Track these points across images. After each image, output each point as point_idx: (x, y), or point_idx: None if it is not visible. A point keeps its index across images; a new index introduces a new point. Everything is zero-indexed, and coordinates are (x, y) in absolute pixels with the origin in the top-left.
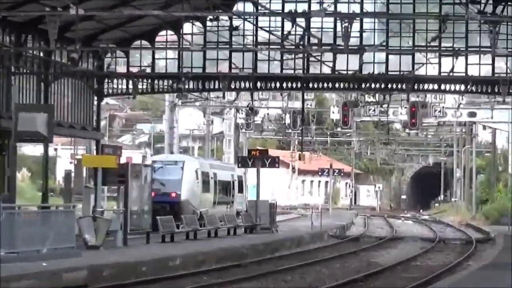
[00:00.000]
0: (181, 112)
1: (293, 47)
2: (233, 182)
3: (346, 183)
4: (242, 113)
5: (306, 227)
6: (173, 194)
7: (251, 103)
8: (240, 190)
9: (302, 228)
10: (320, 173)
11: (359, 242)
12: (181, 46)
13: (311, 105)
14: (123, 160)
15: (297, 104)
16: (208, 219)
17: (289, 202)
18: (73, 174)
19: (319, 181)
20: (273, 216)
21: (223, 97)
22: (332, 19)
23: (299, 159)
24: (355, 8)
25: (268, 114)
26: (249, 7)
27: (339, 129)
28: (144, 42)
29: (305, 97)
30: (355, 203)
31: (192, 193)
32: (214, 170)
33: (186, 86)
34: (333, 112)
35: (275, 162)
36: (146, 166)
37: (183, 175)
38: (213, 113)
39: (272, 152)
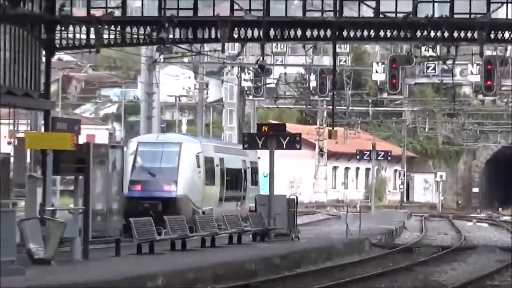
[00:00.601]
0: (163, 72)
1: None
2: (245, 171)
3: (395, 170)
4: (249, 74)
5: (339, 233)
6: (167, 188)
7: (261, 59)
8: (255, 181)
9: (333, 235)
10: (358, 157)
11: (413, 253)
12: None
13: (345, 61)
14: (82, 139)
15: (326, 61)
16: (202, 222)
17: (315, 197)
18: (12, 160)
19: (358, 169)
20: (292, 217)
21: (222, 51)
22: None
23: (329, 137)
24: None
25: (285, 74)
26: None
27: (385, 95)
28: None
29: (338, 50)
30: (407, 198)
31: (192, 186)
32: (220, 155)
33: (171, 36)
34: (376, 72)
35: (295, 142)
36: (115, 147)
37: (180, 161)
38: (208, 74)
39: (292, 128)
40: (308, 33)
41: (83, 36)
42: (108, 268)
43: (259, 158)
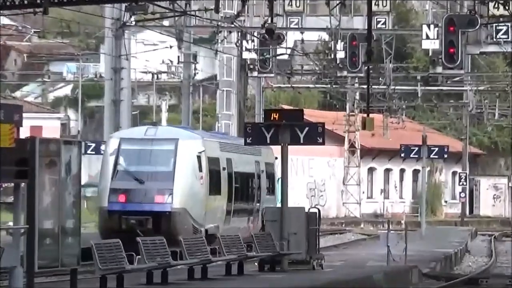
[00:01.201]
0: (136, 40)
1: None
2: (259, 175)
3: (454, 173)
4: (252, 42)
5: (377, 259)
6: (160, 199)
7: (269, 20)
8: (271, 189)
9: (369, 262)
10: (403, 155)
11: (479, 287)
12: None
13: (385, 23)
14: (24, 132)
15: (358, 23)
16: (190, 245)
17: (345, 211)
18: None
19: (402, 171)
20: (314, 238)
21: (216, 10)
22: None
23: (364, 127)
24: None
25: (302, 42)
26: None
27: (439, 69)
28: None
29: (374, 8)
30: (471, 211)
31: (192, 196)
32: (227, 155)
33: None
34: (427, 37)
35: (317, 135)
36: (70, 143)
37: (177, 164)
38: (197, 42)
39: (312, 115)
40: None
41: None
42: None
43: (276, 158)
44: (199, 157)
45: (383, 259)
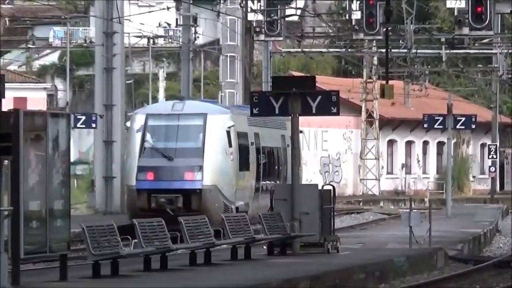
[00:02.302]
0: (129, 1)
1: None
2: (285, 150)
3: (483, 145)
4: (258, 1)
5: (398, 241)
6: (189, 176)
7: None
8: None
9: (390, 244)
10: (426, 126)
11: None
12: None
13: None
14: (7, 104)
15: None
16: (191, 227)
17: (362, 188)
18: None
19: (426, 143)
20: (328, 218)
21: None
22: None
23: (382, 96)
24: None
25: (313, 1)
26: None
27: (465, 31)
28: None
29: None
30: (501, 187)
31: (222, 173)
32: (254, 129)
33: None
34: None
35: (331, 104)
36: (57, 115)
37: (206, 139)
38: (197, 2)
39: (326, 82)
40: None
41: None
42: None
43: (301, 132)
44: (228, 132)
45: (405, 241)
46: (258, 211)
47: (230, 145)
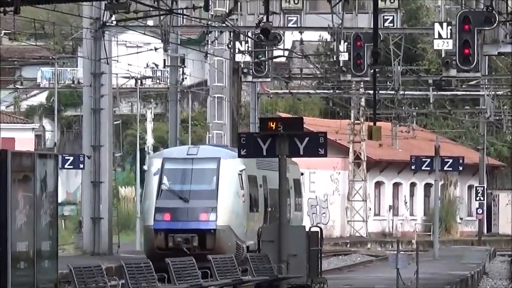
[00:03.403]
0: (117, 41)
1: None
2: (289, 191)
3: (471, 187)
4: (246, 43)
5: (386, 284)
6: (204, 217)
7: (264, 19)
8: (298, 205)
9: (378, 286)
10: (414, 167)
11: None
12: None
13: (393, 22)
14: None
15: (363, 21)
16: (178, 269)
17: (350, 229)
18: None
19: (413, 185)
20: (316, 260)
21: (206, 8)
22: None
23: (370, 137)
24: None
25: (301, 43)
26: None
27: (453, 72)
28: None
29: (381, 4)
30: (489, 229)
31: (235, 214)
32: (263, 172)
33: None
34: (439, 37)
35: (318, 145)
36: (45, 156)
37: (220, 182)
38: (185, 43)
39: (313, 124)
40: None
41: None
42: None
43: (302, 174)
44: (240, 175)
45: (393, 283)
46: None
47: (242, 188)
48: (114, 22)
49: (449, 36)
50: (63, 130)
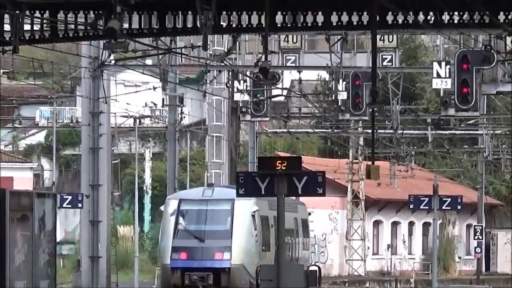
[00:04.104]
0: (115, 81)
1: None
2: (297, 231)
3: (469, 226)
4: (244, 82)
5: None
6: (219, 256)
7: (263, 58)
8: (306, 245)
9: None
10: (412, 207)
11: None
12: None
13: (391, 61)
14: None
15: (361, 60)
16: None
17: (348, 268)
18: None
19: (411, 224)
20: None
21: (204, 47)
22: None
23: (368, 176)
24: None
25: (300, 82)
26: None
27: (451, 112)
28: None
29: (379, 44)
30: (487, 268)
31: (248, 253)
32: (274, 213)
33: (126, 25)
34: (438, 76)
35: (317, 185)
36: (44, 195)
37: (234, 223)
38: (183, 82)
39: (312, 163)
40: (334, 18)
41: None
42: None
43: (309, 214)
44: (253, 216)
45: None
46: None
47: (255, 228)
48: (113, 61)
49: (447, 75)
50: (62, 169)
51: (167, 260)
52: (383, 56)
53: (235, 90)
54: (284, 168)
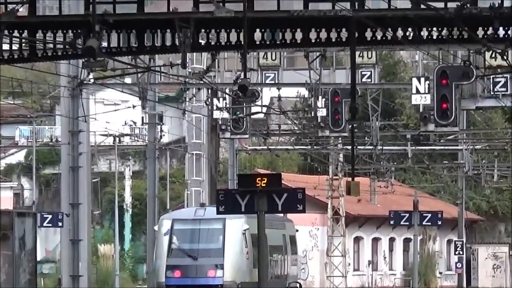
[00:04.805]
0: (94, 99)
1: None
2: (286, 248)
3: (450, 241)
4: (224, 99)
5: None
6: (212, 273)
7: (242, 76)
8: (294, 260)
9: None
10: (393, 223)
11: None
12: None
13: (370, 77)
14: None
15: (340, 77)
16: None
17: (329, 285)
18: None
19: (392, 240)
20: None
21: (183, 65)
22: None
23: (348, 193)
24: None
25: (279, 99)
26: None
27: (430, 127)
28: None
29: (359, 60)
30: (468, 283)
31: (240, 270)
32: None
33: (104, 44)
34: (417, 92)
35: (297, 201)
36: (24, 215)
37: (226, 240)
38: (162, 100)
39: (291, 180)
40: (312, 35)
41: None
42: None
43: (297, 230)
44: (244, 234)
45: None
46: None
47: (246, 245)
48: (92, 80)
49: (426, 91)
50: (42, 188)
51: (162, 278)
52: (362, 73)
53: (215, 107)
54: (264, 185)
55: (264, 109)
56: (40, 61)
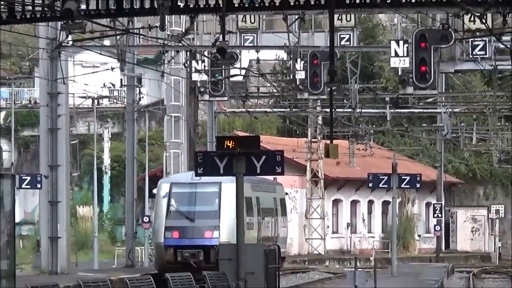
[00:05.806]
0: (73, 62)
1: None
2: (277, 210)
3: (428, 204)
4: (202, 62)
5: None
6: (208, 234)
7: (220, 38)
8: (284, 222)
9: None
10: (371, 185)
11: None
12: None
13: (349, 40)
14: None
15: (319, 40)
16: (176, 284)
17: (308, 247)
18: None
19: (371, 202)
20: (274, 278)
21: (162, 28)
22: None
23: (327, 155)
24: None
25: (258, 61)
26: None
27: (410, 90)
28: None
29: (337, 23)
30: (447, 246)
31: (235, 231)
32: (256, 194)
33: (83, 6)
34: (396, 55)
35: (275, 164)
36: (2, 176)
37: (221, 203)
38: (141, 63)
39: (270, 142)
40: None
41: None
42: None
43: (286, 194)
44: None
45: None
46: None
47: None
48: (71, 42)
49: (405, 54)
50: (20, 150)
51: (161, 238)
52: (341, 36)
53: (193, 70)
54: (242, 147)
55: (243, 72)
56: (18, 23)
